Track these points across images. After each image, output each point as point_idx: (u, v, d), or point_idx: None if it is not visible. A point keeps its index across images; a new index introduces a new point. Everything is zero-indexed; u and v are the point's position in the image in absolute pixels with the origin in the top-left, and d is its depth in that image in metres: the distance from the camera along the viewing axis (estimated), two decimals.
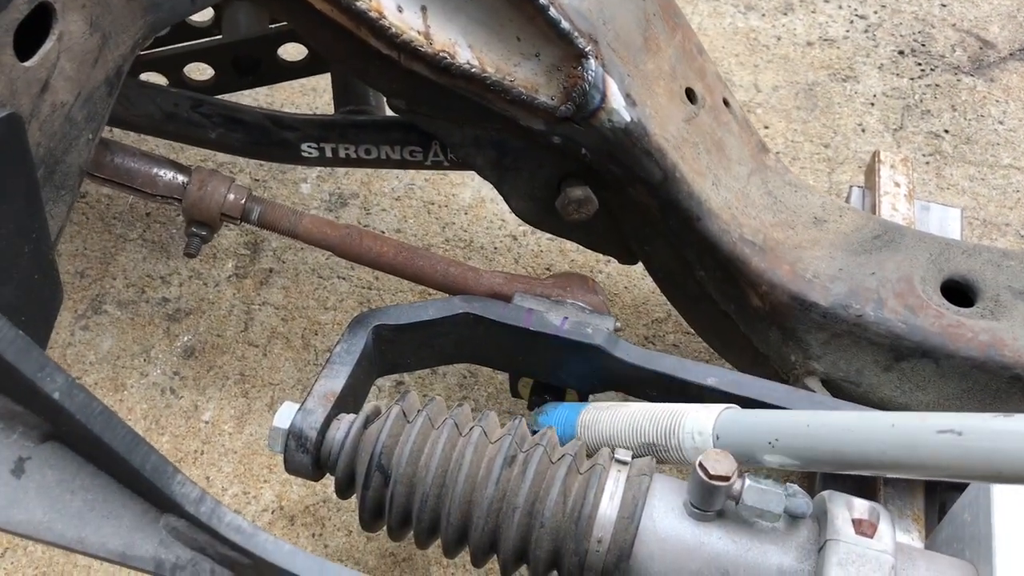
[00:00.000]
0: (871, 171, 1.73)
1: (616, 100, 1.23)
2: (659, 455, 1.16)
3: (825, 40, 2.31)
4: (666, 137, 1.28)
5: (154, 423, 1.59)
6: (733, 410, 1.12)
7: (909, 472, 0.96)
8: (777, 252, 1.34)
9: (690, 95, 1.38)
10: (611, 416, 1.22)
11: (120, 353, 1.68)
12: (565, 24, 1.19)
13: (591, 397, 1.37)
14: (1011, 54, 2.26)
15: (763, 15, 2.37)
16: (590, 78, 1.21)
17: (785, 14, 2.37)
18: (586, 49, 1.21)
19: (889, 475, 1.12)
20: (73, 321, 1.71)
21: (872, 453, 0.97)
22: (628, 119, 1.24)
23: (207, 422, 1.61)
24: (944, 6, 2.38)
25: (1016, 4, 2.37)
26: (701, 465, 1.00)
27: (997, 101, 2.17)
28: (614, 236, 1.41)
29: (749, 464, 1.09)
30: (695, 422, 1.12)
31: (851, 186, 1.73)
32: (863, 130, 2.12)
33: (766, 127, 2.12)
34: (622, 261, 1.47)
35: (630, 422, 1.19)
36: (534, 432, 1.18)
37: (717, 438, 1.09)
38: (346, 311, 1.76)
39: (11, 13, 0.87)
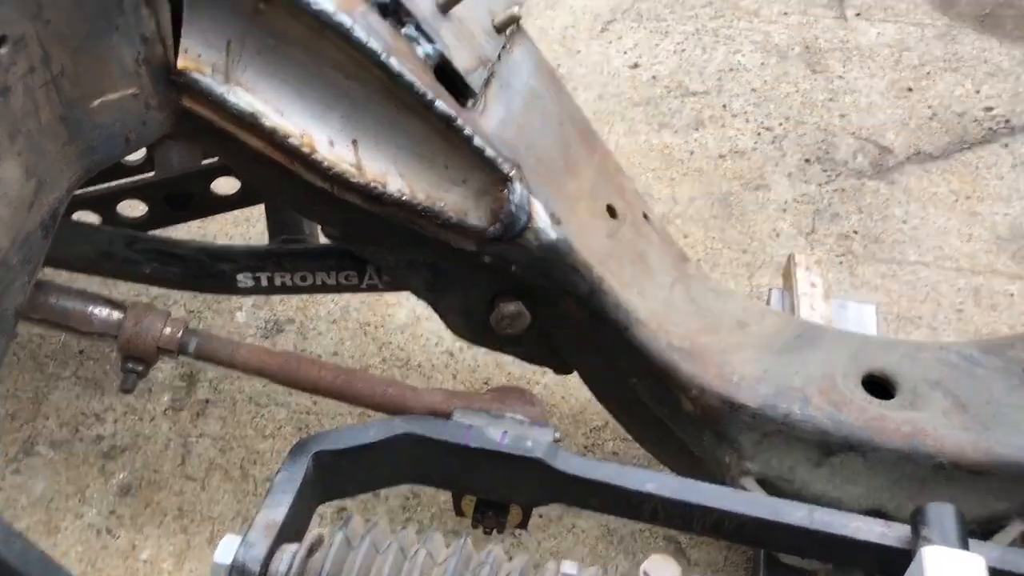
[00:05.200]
0: (788, 273, 1.81)
1: (541, 220, 1.29)
2: None
3: (736, 152, 2.44)
4: (591, 252, 1.34)
5: (90, 566, 1.55)
6: None
7: None
8: (705, 357, 1.39)
9: (611, 211, 1.45)
10: None
11: (54, 495, 1.64)
12: (490, 151, 1.26)
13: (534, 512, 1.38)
14: (907, 158, 2.42)
15: (675, 131, 2.50)
16: (515, 200, 1.27)
17: (696, 130, 2.51)
18: (510, 173, 1.27)
19: None
20: (3, 465, 1.67)
21: None
22: (554, 237, 1.29)
23: (145, 561, 1.57)
24: (843, 116, 2.54)
25: (907, 113, 2.54)
26: (645, 573, 1.02)
27: (899, 202, 2.31)
28: (547, 348, 1.45)
29: None
30: None
31: (770, 288, 1.81)
32: (777, 235, 2.23)
33: (685, 236, 2.21)
34: (557, 372, 1.50)
35: None
36: None
37: None
38: (285, 438, 1.75)
39: None
